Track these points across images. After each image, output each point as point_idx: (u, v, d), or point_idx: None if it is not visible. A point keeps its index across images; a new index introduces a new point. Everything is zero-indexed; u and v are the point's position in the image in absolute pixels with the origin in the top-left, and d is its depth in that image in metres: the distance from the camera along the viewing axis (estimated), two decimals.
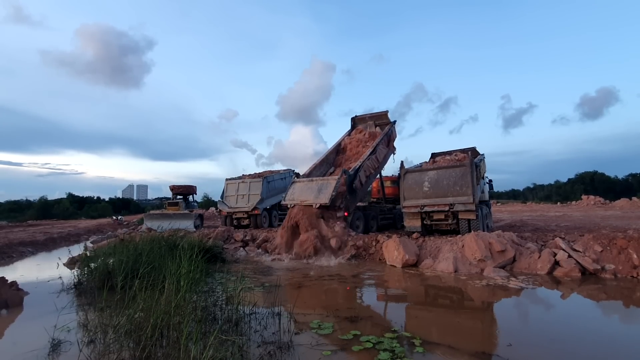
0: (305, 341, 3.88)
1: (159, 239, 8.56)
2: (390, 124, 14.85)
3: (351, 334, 4.04)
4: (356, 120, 15.99)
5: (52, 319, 4.42)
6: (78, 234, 18.84)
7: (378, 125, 15.42)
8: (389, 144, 14.30)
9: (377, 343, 3.79)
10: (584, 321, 4.76)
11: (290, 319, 4.44)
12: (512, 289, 6.20)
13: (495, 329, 4.45)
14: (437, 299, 6.06)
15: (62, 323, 4.31)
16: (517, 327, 4.51)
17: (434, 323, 4.74)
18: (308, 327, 4.31)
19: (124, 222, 28.56)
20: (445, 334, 4.24)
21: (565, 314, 5.12)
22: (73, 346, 3.78)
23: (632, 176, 66.51)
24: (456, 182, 10.16)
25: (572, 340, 4.01)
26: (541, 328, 4.34)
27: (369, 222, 13.33)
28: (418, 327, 4.43)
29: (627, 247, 7.14)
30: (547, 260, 7.39)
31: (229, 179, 17.49)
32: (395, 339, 3.89)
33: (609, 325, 4.70)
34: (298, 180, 12.34)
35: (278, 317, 4.51)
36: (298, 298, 5.77)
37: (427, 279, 7.20)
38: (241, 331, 3.97)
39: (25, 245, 13.50)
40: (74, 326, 4.41)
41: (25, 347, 3.90)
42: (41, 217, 41.27)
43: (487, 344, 3.92)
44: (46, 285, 7.17)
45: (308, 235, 9.94)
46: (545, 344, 3.79)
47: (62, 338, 4.04)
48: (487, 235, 8.20)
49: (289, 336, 3.96)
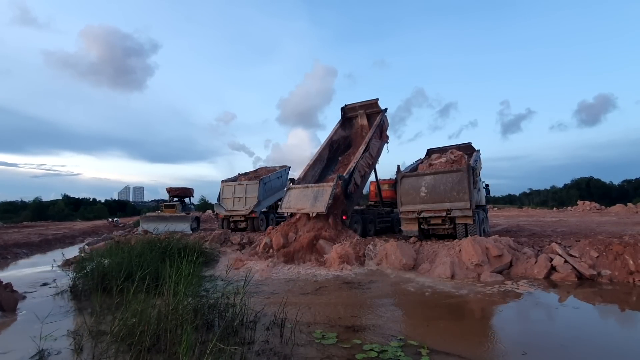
0: (308, 352, 3.74)
1: (154, 242, 8.50)
2: (381, 113, 14.33)
3: (354, 343, 3.94)
4: (346, 109, 15.49)
5: (45, 323, 4.35)
6: (73, 236, 18.71)
7: (369, 114, 14.99)
8: (382, 135, 13.95)
9: (381, 352, 3.69)
10: (589, 326, 4.71)
11: (293, 329, 4.24)
12: (517, 293, 6.17)
13: (506, 337, 4.29)
14: (441, 306, 5.82)
15: (54, 328, 4.21)
16: (527, 334, 4.36)
17: (440, 331, 4.55)
18: (311, 337, 4.15)
19: (120, 224, 28.41)
20: (453, 342, 4.06)
21: (571, 319, 5.02)
22: (65, 353, 3.72)
23: (628, 182, 67.12)
24: (453, 188, 10.18)
25: (583, 346, 3.93)
26: (550, 333, 4.27)
27: (366, 225, 13.30)
28: (424, 335, 4.26)
29: (623, 252, 7.17)
30: (544, 265, 7.41)
31: (225, 181, 17.40)
32: (400, 348, 3.78)
33: (613, 329, 4.67)
34: (294, 186, 12.12)
35: (280, 326, 4.31)
36: (299, 305, 5.61)
37: (427, 284, 7.14)
38: (242, 340, 3.85)
39: (19, 247, 13.39)
40: (67, 332, 4.34)
41: (15, 354, 3.82)
42: (36, 219, 41.01)
43: (500, 353, 3.75)
44: (40, 288, 7.11)
45: (307, 239, 9.87)
46: (557, 350, 3.73)
47: (54, 344, 3.95)
48: (484, 240, 8.22)
49: (290, 346, 3.83)
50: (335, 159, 14.42)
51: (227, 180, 17.49)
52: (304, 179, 12.62)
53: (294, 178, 13.05)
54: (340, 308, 5.57)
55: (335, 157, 14.43)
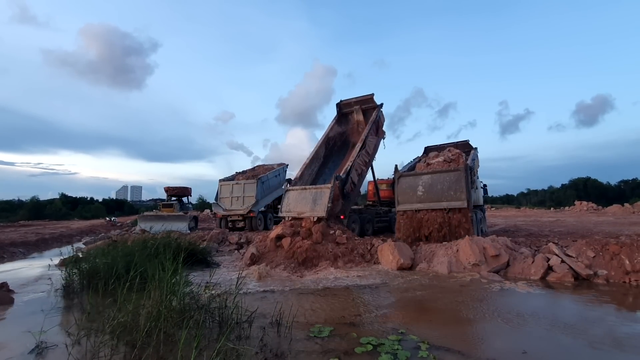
0: (305, 347, 3.76)
1: (149, 241, 8.45)
2: (377, 108, 14.15)
3: (352, 337, 3.96)
4: (342, 105, 15.27)
5: (38, 321, 4.35)
6: (70, 235, 18.62)
7: (364, 109, 14.83)
8: (378, 131, 13.82)
9: (378, 345, 3.71)
10: (586, 325, 4.66)
11: (290, 325, 4.24)
12: (516, 293, 6.18)
13: (505, 335, 4.28)
14: (439, 304, 5.80)
15: (47, 326, 4.22)
16: (525, 333, 4.34)
17: (440, 327, 4.53)
18: (308, 332, 4.17)
19: (118, 223, 28.33)
20: (453, 339, 4.03)
21: (568, 318, 4.97)
22: (58, 349, 3.72)
23: (625, 183, 67.43)
24: (450, 187, 10.20)
25: (583, 347, 3.91)
26: (549, 333, 4.24)
27: (364, 225, 13.31)
28: (423, 331, 4.27)
29: (620, 253, 7.19)
30: (541, 265, 7.43)
31: (222, 180, 17.37)
32: (398, 342, 3.81)
33: (610, 328, 4.62)
34: (291, 188, 11.96)
35: (277, 324, 4.32)
36: (297, 304, 5.59)
37: (426, 284, 7.13)
38: (239, 336, 3.87)
39: (16, 246, 13.32)
40: (59, 330, 4.34)
41: (7, 352, 3.81)
42: (33, 218, 40.83)
43: (501, 351, 3.73)
44: (36, 287, 7.08)
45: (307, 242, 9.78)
46: (557, 349, 3.73)
47: (47, 342, 3.94)
48: (481, 240, 8.23)
49: (287, 342, 3.85)
50: (332, 156, 14.25)
51: (224, 179, 17.46)
52: (301, 179, 12.50)
53: (291, 179, 12.92)
54: (339, 308, 5.54)
55: (332, 154, 14.27)
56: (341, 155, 13.89)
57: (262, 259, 9.69)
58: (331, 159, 14.12)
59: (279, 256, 9.60)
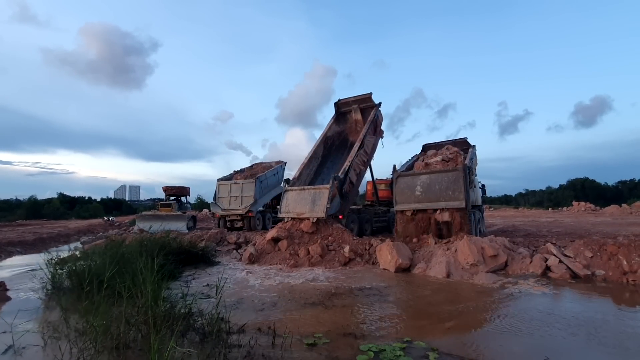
0: (300, 356, 3.57)
1: (147, 241, 8.40)
2: (375, 107, 14.08)
3: (351, 344, 3.82)
4: (340, 104, 15.18)
5: (18, 322, 4.32)
6: (68, 235, 18.55)
7: (362, 108, 14.77)
8: (376, 130, 13.78)
9: (379, 351, 3.56)
10: (597, 325, 4.53)
11: (285, 333, 3.95)
12: (520, 293, 6.13)
13: (522, 339, 4.03)
14: (445, 306, 5.51)
15: (30, 327, 4.21)
16: (543, 337, 4.14)
17: (448, 333, 4.28)
18: (302, 341, 3.93)
19: (116, 222, 28.23)
20: (464, 346, 3.83)
21: (580, 319, 4.76)
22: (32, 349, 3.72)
23: (622, 183, 67.68)
24: (448, 187, 10.20)
25: (604, 347, 3.81)
26: (571, 338, 4.05)
27: (363, 225, 13.32)
28: (431, 337, 4.07)
29: (617, 253, 7.21)
30: (539, 265, 7.44)
31: (220, 179, 17.34)
32: (402, 349, 3.62)
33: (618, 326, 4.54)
34: (290, 188, 11.89)
35: (272, 331, 4.06)
36: (294, 309, 5.44)
37: (427, 284, 7.07)
38: (229, 344, 3.66)
39: (13, 245, 13.28)
40: (37, 331, 4.29)
41: None
42: (31, 217, 40.62)
43: (521, 358, 3.56)
44: (27, 286, 7.04)
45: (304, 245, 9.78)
46: (581, 355, 3.64)
47: (22, 343, 3.87)
48: (479, 240, 8.24)
49: (281, 351, 3.63)
50: (331, 155, 14.23)
51: (223, 178, 17.42)
52: (300, 179, 12.48)
53: (289, 179, 12.88)
54: (338, 313, 5.36)
55: (330, 154, 14.25)
56: (340, 155, 13.88)
57: (261, 259, 9.76)
58: (329, 158, 14.10)
59: (276, 257, 9.66)
